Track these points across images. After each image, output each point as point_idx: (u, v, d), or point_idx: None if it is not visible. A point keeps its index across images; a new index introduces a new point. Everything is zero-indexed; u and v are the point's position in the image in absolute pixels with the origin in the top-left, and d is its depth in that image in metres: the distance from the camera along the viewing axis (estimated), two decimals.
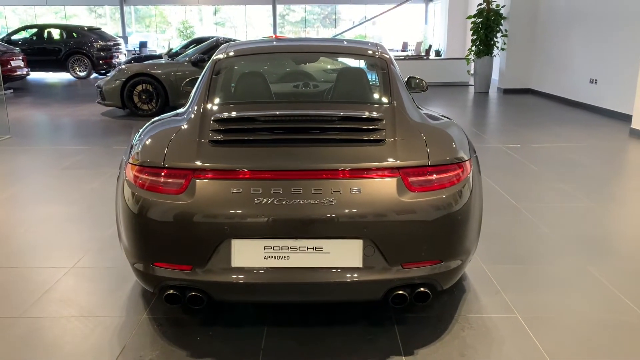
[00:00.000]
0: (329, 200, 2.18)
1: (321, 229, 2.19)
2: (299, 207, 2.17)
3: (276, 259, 2.21)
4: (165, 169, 2.29)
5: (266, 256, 2.21)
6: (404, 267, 2.25)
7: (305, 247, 2.21)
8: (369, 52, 3.29)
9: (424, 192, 2.26)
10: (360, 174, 2.25)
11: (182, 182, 2.25)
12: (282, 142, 2.42)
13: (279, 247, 2.21)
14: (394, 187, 2.24)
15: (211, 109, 2.72)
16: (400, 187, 2.24)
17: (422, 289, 2.30)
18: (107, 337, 2.50)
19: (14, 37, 15.68)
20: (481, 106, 10.45)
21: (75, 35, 15.59)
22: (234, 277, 2.21)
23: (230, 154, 2.35)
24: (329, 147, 2.36)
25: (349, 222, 2.18)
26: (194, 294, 2.27)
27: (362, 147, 2.37)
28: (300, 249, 2.21)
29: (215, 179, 2.25)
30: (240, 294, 2.32)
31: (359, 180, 2.24)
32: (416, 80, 4.14)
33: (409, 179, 2.26)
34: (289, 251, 2.21)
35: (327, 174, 2.24)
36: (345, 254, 2.22)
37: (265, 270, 2.22)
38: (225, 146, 2.40)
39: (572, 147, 6.56)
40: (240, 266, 2.22)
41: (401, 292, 2.27)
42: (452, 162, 2.37)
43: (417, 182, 2.27)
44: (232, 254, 2.21)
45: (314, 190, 2.20)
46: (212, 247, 2.20)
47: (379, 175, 2.25)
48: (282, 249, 2.21)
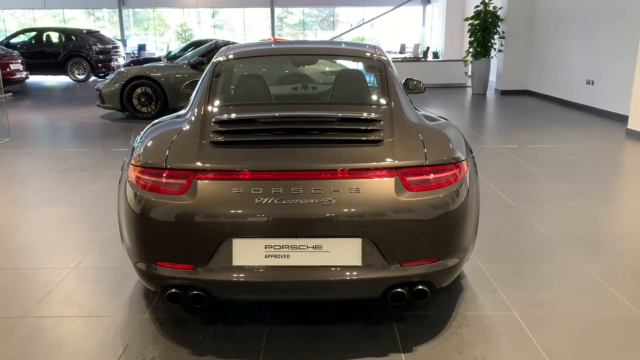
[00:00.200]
0: (328, 199, 2.22)
1: (321, 228, 2.22)
2: (298, 207, 2.21)
3: (276, 258, 2.25)
4: (167, 170, 2.32)
5: (267, 255, 2.25)
6: (402, 265, 2.29)
7: (305, 246, 2.24)
8: (367, 54, 3.33)
9: (421, 191, 2.30)
10: (359, 173, 2.28)
11: (184, 182, 2.29)
12: (282, 143, 2.45)
13: (280, 246, 2.24)
14: (392, 186, 2.27)
15: (212, 111, 2.76)
16: (398, 187, 2.28)
17: (421, 287, 2.34)
18: (110, 336, 2.53)
19: (13, 40, 15.72)
20: (479, 107, 10.50)
21: (74, 38, 15.63)
22: (235, 276, 2.25)
23: (231, 155, 2.39)
24: (328, 148, 2.40)
25: (348, 221, 2.22)
26: (195, 292, 2.30)
27: (361, 147, 2.41)
28: (300, 247, 2.24)
29: (216, 180, 2.28)
30: (241, 293, 2.36)
31: (358, 180, 2.27)
32: (414, 82, 4.17)
33: (407, 179, 2.30)
34: (289, 250, 2.24)
35: (327, 174, 2.27)
36: (344, 253, 2.25)
37: (265, 268, 2.25)
38: (226, 147, 2.43)
39: (568, 147, 6.60)
40: (241, 265, 2.25)
41: (400, 290, 2.31)
42: (449, 162, 2.40)
43: (415, 182, 2.31)
44: (233, 253, 2.25)
45: (314, 190, 2.23)
46: (213, 246, 2.24)
47: (377, 175, 2.29)
48: (283, 247, 2.24)
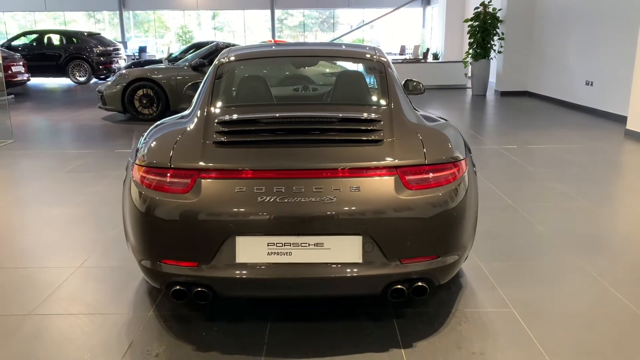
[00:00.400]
0: (329, 198, 2.26)
1: (322, 225, 2.27)
2: (300, 205, 2.26)
3: (279, 255, 2.30)
4: (171, 169, 2.37)
5: (269, 252, 2.29)
6: (402, 262, 2.33)
7: (306, 243, 2.29)
8: (367, 55, 3.37)
9: (421, 190, 2.34)
10: (359, 172, 2.33)
11: (188, 181, 2.33)
12: (284, 143, 2.50)
13: (282, 243, 2.29)
14: (392, 185, 2.32)
15: (215, 112, 2.81)
16: (398, 185, 2.32)
17: (420, 284, 2.38)
18: (115, 333, 2.58)
19: (14, 42, 15.77)
20: (478, 108, 10.55)
21: (75, 40, 15.68)
22: (238, 273, 2.30)
23: (234, 155, 2.44)
24: (329, 147, 2.44)
25: (349, 219, 2.27)
26: (199, 289, 2.35)
27: (361, 147, 2.45)
28: (302, 245, 2.29)
29: (219, 179, 2.33)
30: (244, 289, 2.40)
31: (358, 178, 2.32)
32: (413, 83, 4.21)
33: (407, 178, 2.34)
34: (291, 247, 2.29)
35: (328, 172, 2.32)
36: (345, 250, 2.30)
37: (268, 266, 2.30)
38: (229, 147, 2.48)
39: (567, 148, 6.65)
40: (244, 262, 2.30)
41: (400, 286, 2.35)
42: (448, 161, 2.45)
43: (414, 181, 2.35)
44: (236, 250, 2.29)
45: (315, 188, 2.28)
46: (217, 244, 2.29)
47: (377, 173, 2.34)
48: (285, 245, 2.29)
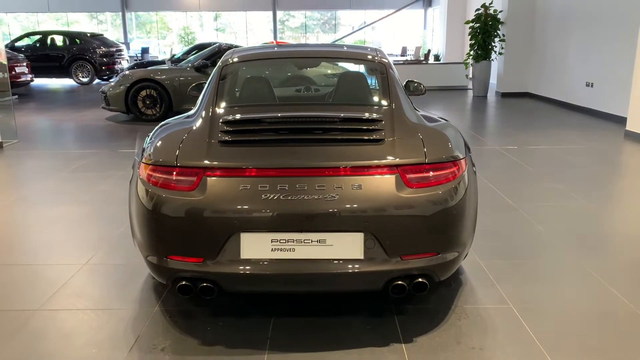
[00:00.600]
0: (331, 195, 2.32)
1: (324, 222, 2.33)
2: (303, 203, 2.31)
3: (282, 251, 2.35)
4: (177, 168, 2.43)
5: (273, 248, 2.35)
6: (403, 258, 2.39)
7: (309, 240, 2.34)
8: (369, 56, 3.42)
9: (421, 188, 2.40)
10: (360, 171, 2.38)
11: (194, 179, 2.39)
12: (287, 142, 2.55)
13: (285, 240, 2.34)
14: (393, 183, 2.37)
15: (219, 112, 2.86)
16: (399, 184, 2.38)
17: (421, 280, 2.43)
18: (122, 328, 2.64)
19: (18, 43, 15.87)
20: (479, 109, 10.60)
21: (78, 41, 15.78)
22: (243, 269, 2.35)
23: (238, 153, 2.49)
24: (331, 146, 2.50)
25: (351, 216, 2.32)
26: (205, 284, 2.40)
27: (363, 146, 2.51)
28: (305, 241, 2.34)
29: (224, 177, 2.39)
30: (248, 285, 2.46)
31: (360, 177, 2.37)
32: (414, 84, 4.26)
33: (407, 176, 2.40)
34: (294, 244, 2.34)
35: (330, 171, 2.37)
36: (347, 247, 2.35)
37: (272, 261, 2.35)
38: (233, 146, 2.54)
39: (567, 148, 6.70)
40: (248, 258, 2.35)
41: (400, 282, 2.41)
42: (448, 160, 2.50)
43: (415, 179, 2.41)
44: (241, 246, 2.35)
45: (318, 186, 2.34)
46: (222, 240, 2.34)
47: (378, 172, 2.39)
48: (288, 241, 2.34)
